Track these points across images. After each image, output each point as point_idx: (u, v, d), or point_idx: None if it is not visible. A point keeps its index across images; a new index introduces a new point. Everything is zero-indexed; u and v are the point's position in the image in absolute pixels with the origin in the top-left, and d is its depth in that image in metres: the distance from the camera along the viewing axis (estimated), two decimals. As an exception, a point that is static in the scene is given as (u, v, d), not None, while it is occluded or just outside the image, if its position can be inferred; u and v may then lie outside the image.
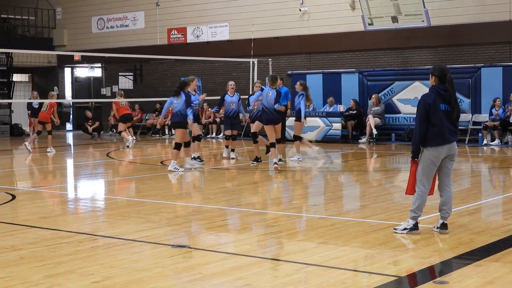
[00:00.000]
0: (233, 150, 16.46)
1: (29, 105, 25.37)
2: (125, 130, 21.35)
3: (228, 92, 16.25)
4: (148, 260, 6.66)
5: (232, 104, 16.10)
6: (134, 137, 21.64)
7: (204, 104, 25.28)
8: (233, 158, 16.26)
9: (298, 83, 15.99)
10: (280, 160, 14.68)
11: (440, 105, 7.47)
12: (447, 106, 7.51)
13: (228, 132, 16.41)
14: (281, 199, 11.06)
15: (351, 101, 22.42)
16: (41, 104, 25.01)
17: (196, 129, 15.61)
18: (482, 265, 6.27)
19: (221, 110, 17.57)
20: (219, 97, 16.88)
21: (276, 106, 14.38)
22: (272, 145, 14.40)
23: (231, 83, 16.47)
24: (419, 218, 7.67)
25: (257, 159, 15.34)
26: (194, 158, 15.19)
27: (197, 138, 15.67)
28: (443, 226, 7.64)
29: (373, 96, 22.04)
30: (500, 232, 7.74)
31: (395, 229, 7.72)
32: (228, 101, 16.12)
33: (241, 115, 17.01)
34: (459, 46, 21.37)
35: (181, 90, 14.22)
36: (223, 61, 24.79)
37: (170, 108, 14.91)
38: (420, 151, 7.57)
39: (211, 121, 25.13)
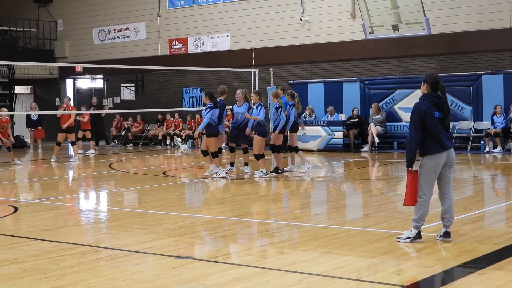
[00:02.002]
0: (232, 164, 15.71)
1: (27, 117, 25.43)
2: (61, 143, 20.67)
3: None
4: (151, 271, 6.65)
5: (238, 115, 15.30)
6: (77, 158, 20.48)
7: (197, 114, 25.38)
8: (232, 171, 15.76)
9: (286, 94, 16.00)
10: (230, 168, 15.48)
11: (434, 112, 7.50)
12: (440, 113, 7.53)
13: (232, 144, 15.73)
14: (283, 209, 11.04)
15: (355, 109, 22.43)
16: (39, 116, 25.10)
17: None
18: (485, 274, 6.26)
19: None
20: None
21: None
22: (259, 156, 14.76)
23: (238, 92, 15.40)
24: (423, 227, 7.66)
25: (277, 170, 15.28)
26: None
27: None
28: (446, 235, 7.63)
29: (373, 105, 22.06)
30: (504, 240, 7.73)
31: (398, 238, 7.71)
32: (234, 111, 15.48)
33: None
34: (460, 54, 21.39)
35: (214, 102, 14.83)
36: (224, 71, 24.83)
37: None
38: (417, 160, 7.58)
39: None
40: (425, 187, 7.55)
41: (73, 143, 20.94)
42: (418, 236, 7.58)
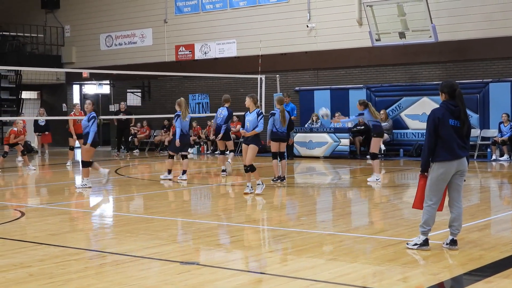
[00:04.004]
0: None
1: (35, 122, 25.46)
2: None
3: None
4: (157, 277, 6.65)
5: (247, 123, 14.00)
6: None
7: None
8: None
9: (358, 103, 15.11)
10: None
11: (449, 120, 7.47)
12: (457, 121, 7.49)
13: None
14: (289, 216, 11.03)
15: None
16: (47, 122, 25.19)
17: (222, 145, 17.05)
18: (492, 282, 6.24)
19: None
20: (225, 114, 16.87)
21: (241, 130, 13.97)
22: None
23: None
24: (430, 234, 7.63)
25: (279, 178, 14.89)
26: (223, 171, 16.68)
27: (222, 153, 17.09)
28: (453, 242, 7.60)
29: (381, 111, 22.02)
30: (510, 248, 7.70)
31: (408, 243, 7.70)
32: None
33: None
34: (467, 62, 21.37)
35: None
36: (230, 77, 24.86)
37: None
38: (430, 165, 7.56)
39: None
40: (431, 193, 7.55)
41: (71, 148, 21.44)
42: (425, 243, 7.56)
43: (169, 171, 16.01)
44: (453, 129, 7.48)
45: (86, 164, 14.72)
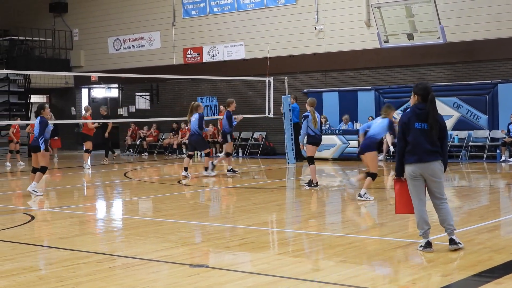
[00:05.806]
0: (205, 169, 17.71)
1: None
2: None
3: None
4: (166, 280, 6.67)
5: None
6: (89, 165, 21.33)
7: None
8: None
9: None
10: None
11: (415, 123, 7.48)
12: (424, 124, 7.49)
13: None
14: (298, 218, 11.03)
15: (369, 118, 22.38)
16: (56, 126, 25.24)
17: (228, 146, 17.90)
18: (502, 283, 6.22)
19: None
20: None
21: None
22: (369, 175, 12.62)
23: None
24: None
25: (310, 183, 14.28)
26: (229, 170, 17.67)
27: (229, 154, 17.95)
28: (451, 242, 7.54)
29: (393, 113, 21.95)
30: (520, 249, 7.68)
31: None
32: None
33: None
34: (476, 62, 21.31)
35: (38, 115, 14.08)
36: (239, 80, 24.88)
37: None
38: (403, 169, 7.65)
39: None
40: (412, 195, 7.62)
41: (87, 151, 21.47)
42: (427, 245, 7.53)
43: (206, 168, 17.48)
44: (420, 132, 7.48)
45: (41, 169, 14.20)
